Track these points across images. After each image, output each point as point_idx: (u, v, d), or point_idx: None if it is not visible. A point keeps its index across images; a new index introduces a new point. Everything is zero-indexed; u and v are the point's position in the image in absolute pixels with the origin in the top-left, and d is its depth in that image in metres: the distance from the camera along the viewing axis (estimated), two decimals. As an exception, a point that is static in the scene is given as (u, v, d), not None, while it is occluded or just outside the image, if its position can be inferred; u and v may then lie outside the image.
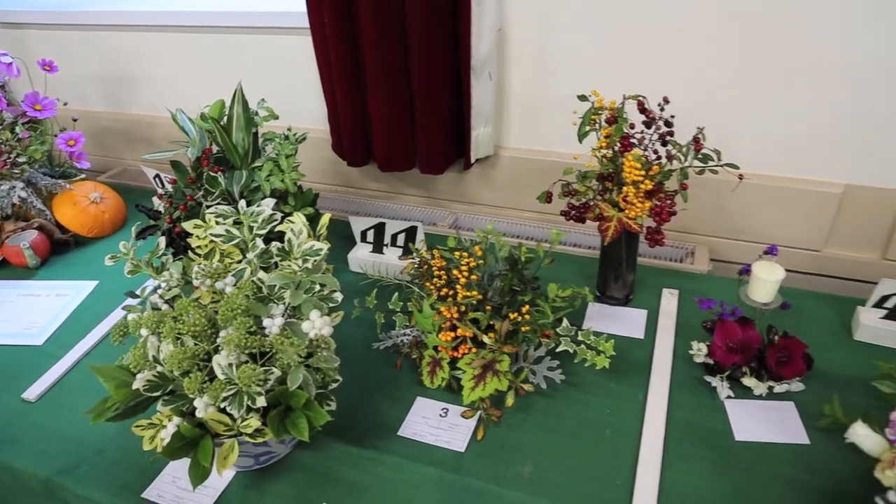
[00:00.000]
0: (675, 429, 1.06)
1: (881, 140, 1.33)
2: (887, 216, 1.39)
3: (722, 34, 1.32)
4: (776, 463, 1.01)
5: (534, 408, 1.11)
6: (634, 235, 1.21)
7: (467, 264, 1.07)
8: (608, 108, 1.15)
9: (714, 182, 1.22)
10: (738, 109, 1.39)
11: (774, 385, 1.10)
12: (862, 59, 1.26)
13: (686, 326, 1.26)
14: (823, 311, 1.32)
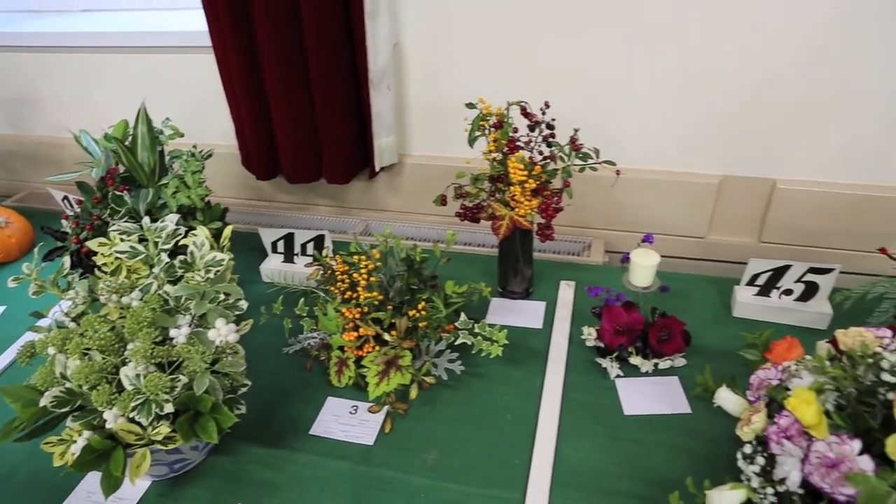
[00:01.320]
0: (570, 409, 1.14)
1: (751, 135, 1.45)
2: (760, 203, 1.52)
3: (608, 42, 1.42)
4: (661, 432, 1.10)
5: (439, 399, 1.17)
6: (527, 232, 1.29)
7: (366, 267, 1.13)
8: (494, 113, 1.23)
9: (606, 179, 1.31)
10: (625, 111, 1.49)
11: (659, 362, 1.20)
12: (731, 65, 1.37)
13: (581, 314, 1.35)
14: (707, 292, 1.43)
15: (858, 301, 1.19)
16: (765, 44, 1.34)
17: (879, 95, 1.34)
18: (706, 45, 1.37)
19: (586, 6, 1.39)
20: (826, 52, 1.32)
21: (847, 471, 0.78)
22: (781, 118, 1.41)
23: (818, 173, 1.45)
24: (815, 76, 1.35)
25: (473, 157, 1.26)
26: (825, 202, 1.46)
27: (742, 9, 1.31)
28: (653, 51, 1.40)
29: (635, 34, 1.40)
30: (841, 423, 0.84)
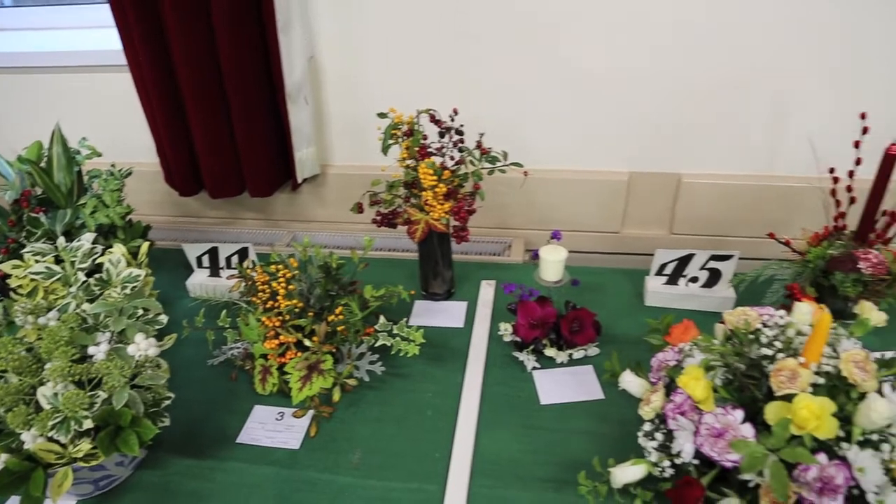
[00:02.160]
0: (489, 402, 1.19)
1: (656, 133, 1.53)
2: (668, 197, 1.60)
3: (516, 48, 1.47)
4: (576, 419, 1.15)
5: (363, 400, 1.20)
6: (444, 235, 1.33)
7: (284, 276, 1.16)
8: (405, 122, 1.27)
9: (525, 182, 1.37)
10: (536, 114, 1.55)
11: (573, 352, 1.25)
12: (634, 68, 1.45)
13: (501, 312, 1.40)
14: (622, 283, 1.50)
15: (756, 284, 1.28)
16: (665, 49, 1.42)
17: (767, 95, 1.43)
18: (610, 49, 1.44)
19: (492, 15, 1.44)
20: (721, 55, 1.41)
21: (731, 439, 0.85)
22: (683, 116, 1.50)
23: (718, 167, 1.54)
24: (712, 78, 1.44)
25: (388, 164, 1.30)
26: (726, 193, 1.54)
27: (642, 14, 1.39)
28: (559, 55, 1.47)
29: (541, 40, 1.46)
30: (727, 396, 0.90)
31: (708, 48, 1.41)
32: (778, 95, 1.44)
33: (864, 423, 0.83)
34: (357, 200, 1.32)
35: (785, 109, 1.45)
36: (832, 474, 0.81)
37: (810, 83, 1.42)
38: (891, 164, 1.09)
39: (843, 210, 1.21)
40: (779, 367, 0.86)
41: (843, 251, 1.17)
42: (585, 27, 1.43)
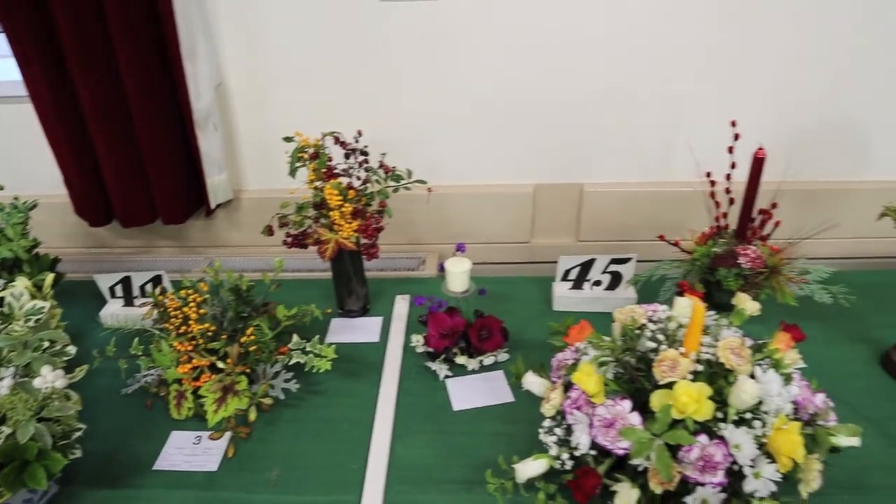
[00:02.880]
0: (404, 412, 1.23)
1: (557, 146, 1.60)
2: (573, 206, 1.68)
3: (420, 70, 1.53)
4: (488, 422, 1.20)
5: (281, 419, 1.22)
6: (355, 253, 1.37)
7: (194, 300, 1.17)
8: (311, 145, 1.30)
9: (434, 197, 1.42)
10: (443, 132, 1.61)
11: (483, 359, 1.30)
12: (535, 86, 1.53)
13: (415, 325, 1.44)
14: (532, 291, 1.56)
15: (653, 283, 1.36)
16: (560, 66, 1.50)
17: (657, 107, 1.53)
18: (507, 67, 1.51)
19: (394, 38, 1.49)
20: (613, 71, 1.50)
21: (621, 428, 0.91)
22: (581, 129, 1.58)
23: (617, 176, 1.63)
24: (605, 93, 1.53)
25: (297, 187, 1.33)
26: (625, 200, 1.63)
27: (536, 33, 1.47)
28: (460, 75, 1.53)
29: (442, 61, 1.52)
30: (618, 389, 0.96)
31: (600, 64, 1.50)
32: (667, 107, 1.54)
33: (736, 403, 0.90)
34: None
35: (673, 120, 1.56)
36: (712, 453, 0.88)
37: (695, 95, 1.52)
38: (760, 166, 1.19)
39: (725, 211, 1.30)
40: (661, 357, 0.93)
41: (725, 249, 1.26)
42: (483, 47, 1.49)
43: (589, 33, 1.47)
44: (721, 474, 0.89)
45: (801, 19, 1.46)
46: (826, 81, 1.54)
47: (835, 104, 1.58)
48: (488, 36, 1.48)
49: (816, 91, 1.55)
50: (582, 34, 1.47)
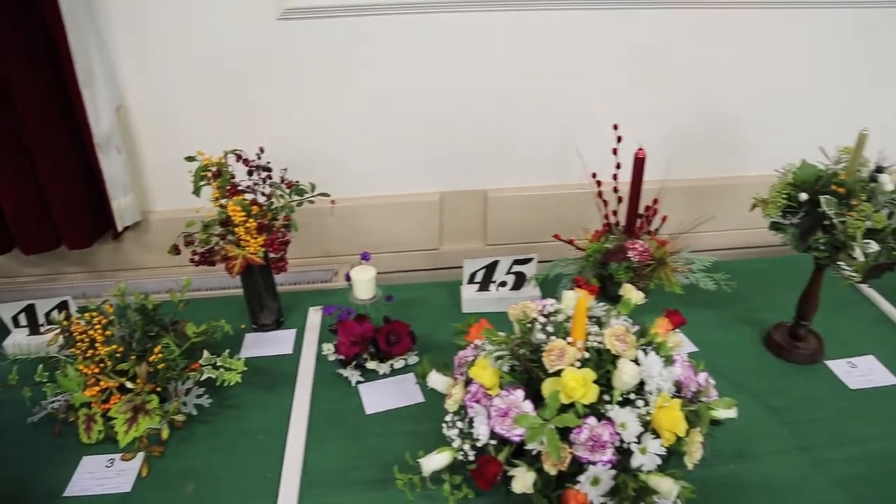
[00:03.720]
0: (317, 419, 1.26)
1: (460, 155, 1.67)
2: (478, 212, 1.74)
3: (322, 84, 1.56)
4: (399, 423, 1.25)
5: (195, 434, 1.23)
6: (264, 268, 1.39)
7: (99, 322, 1.17)
8: (213, 163, 1.32)
9: (346, 210, 1.46)
10: (348, 145, 1.64)
11: (393, 362, 1.35)
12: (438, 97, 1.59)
13: (328, 334, 1.47)
14: (442, 295, 1.62)
15: (554, 281, 1.43)
16: (459, 77, 1.57)
17: (550, 113, 1.61)
18: (411, 81, 1.57)
19: (294, 54, 1.52)
20: (512, 80, 1.58)
21: (515, 416, 0.97)
22: (484, 139, 1.65)
23: (518, 180, 1.71)
24: (505, 101, 1.61)
25: (203, 205, 1.35)
26: (527, 203, 1.71)
27: (436, 46, 1.53)
28: (361, 88, 1.57)
29: (342, 75, 1.56)
30: (512, 380, 1.02)
31: (499, 76, 1.57)
32: (561, 115, 1.63)
33: (620, 385, 0.97)
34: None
35: (567, 127, 1.64)
36: (600, 433, 0.95)
37: (586, 102, 1.62)
38: (641, 166, 1.28)
39: (614, 209, 1.39)
40: (549, 347, 0.99)
41: (615, 244, 1.34)
42: (384, 61, 1.54)
43: (489, 47, 1.54)
44: (610, 452, 0.96)
45: (681, 27, 1.57)
46: (706, 85, 1.66)
47: (715, 106, 1.70)
48: (389, 50, 1.53)
49: (698, 95, 1.67)
50: (482, 48, 1.54)
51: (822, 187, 1.24)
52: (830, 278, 1.29)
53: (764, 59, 1.67)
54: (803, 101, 1.73)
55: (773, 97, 1.72)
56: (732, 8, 1.58)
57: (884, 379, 1.40)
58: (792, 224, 1.26)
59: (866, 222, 1.18)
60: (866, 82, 1.75)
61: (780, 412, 1.30)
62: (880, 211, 1.19)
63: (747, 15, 1.59)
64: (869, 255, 1.20)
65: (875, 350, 1.47)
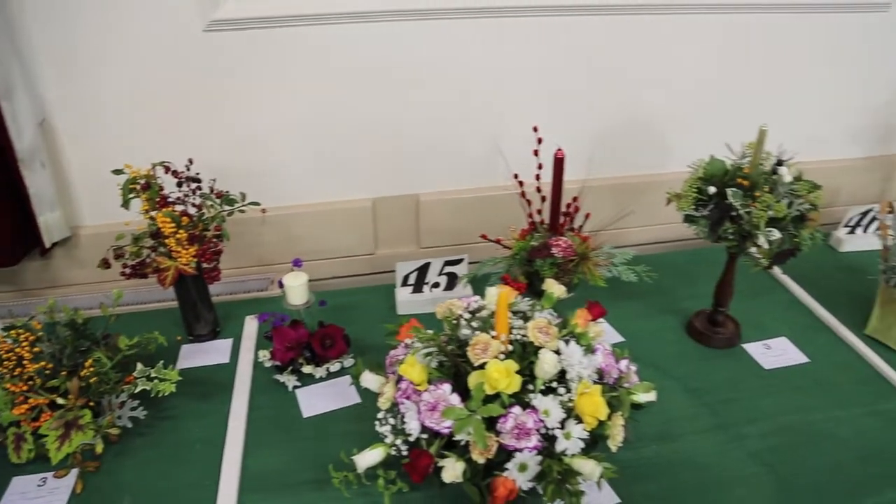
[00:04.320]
0: (255, 425, 1.27)
1: (391, 162, 1.70)
2: (411, 216, 1.78)
3: (254, 95, 1.58)
4: (337, 424, 1.28)
5: (131, 448, 1.23)
6: (197, 278, 1.40)
7: (27, 339, 1.17)
8: (142, 176, 1.33)
9: (281, 218, 1.47)
10: (281, 155, 1.66)
11: (329, 366, 1.37)
12: (367, 106, 1.62)
13: (264, 341, 1.48)
14: (378, 299, 1.65)
15: (484, 280, 1.47)
16: (393, 88, 1.61)
17: (478, 118, 1.66)
18: (340, 90, 1.59)
19: (223, 66, 1.53)
20: (438, 90, 1.63)
21: (443, 408, 1.00)
22: (415, 144, 1.69)
23: (449, 184, 1.75)
24: (432, 110, 1.65)
25: (133, 218, 1.35)
26: (458, 206, 1.76)
27: (369, 58, 1.57)
28: (295, 100, 1.59)
29: (274, 87, 1.58)
30: (440, 375, 1.06)
31: (427, 84, 1.62)
32: (488, 119, 1.68)
33: (541, 374, 1.02)
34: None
35: (493, 130, 1.70)
36: (524, 420, 1.00)
37: (510, 106, 1.67)
38: (560, 165, 1.33)
39: (539, 208, 1.44)
40: (474, 342, 1.03)
41: (540, 242, 1.40)
42: (313, 70, 1.57)
43: (416, 55, 1.58)
44: (535, 439, 1.00)
45: (599, 33, 1.65)
46: (626, 88, 1.74)
47: (635, 108, 1.78)
48: (317, 60, 1.56)
49: (618, 97, 1.75)
50: (410, 56, 1.58)
51: (730, 181, 1.32)
52: (746, 267, 1.37)
53: (677, 62, 1.76)
54: (713, 101, 1.83)
55: (686, 98, 1.81)
56: (646, 14, 1.66)
57: (795, 358, 1.49)
58: (703, 216, 1.33)
59: (769, 212, 1.26)
60: (768, 82, 1.86)
61: (701, 394, 1.38)
62: (781, 201, 1.27)
63: (660, 21, 1.68)
64: (773, 242, 1.28)
65: (787, 332, 1.57)
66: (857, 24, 1.85)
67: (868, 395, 1.39)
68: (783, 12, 1.77)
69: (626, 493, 1.14)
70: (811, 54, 1.87)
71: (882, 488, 1.18)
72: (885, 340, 1.52)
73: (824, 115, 2.01)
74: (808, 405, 1.36)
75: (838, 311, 1.63)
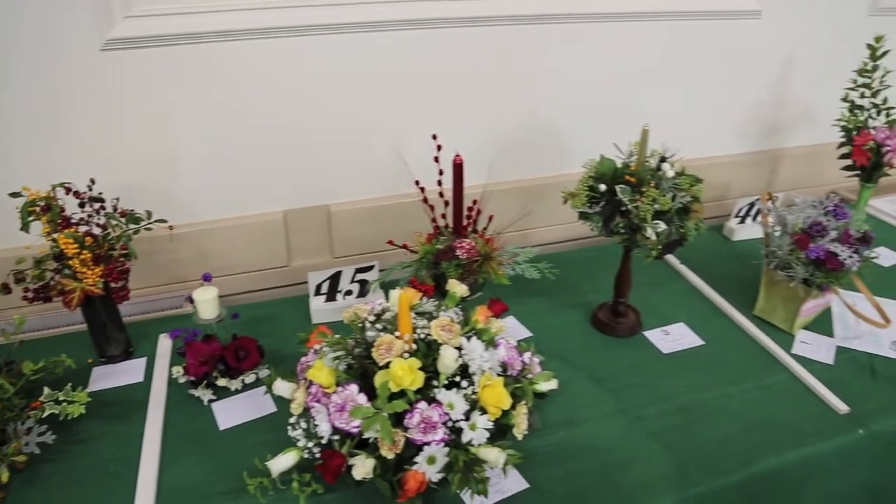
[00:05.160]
0: (171, 441, 1.28)
1: (301, 174, 1.73)
2: (323, 227, 1.81)
3: (153, 113, 1.57)
4: (253, 434, 1.29)
5: (41, 475, 1.21)
6: (105, 298, 1.39)
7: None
8: (42, 197, 1.32)
9: (193, 235, 1.47)
10: (189, 171, 1.65)
11: (244, 378, 1.39)
12: (274, 121, 1.63)
13: (178, 358, 1.48)
14: (293, 309, 1.67)
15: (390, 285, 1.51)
16: (300, 100, 1.64)
17: (382, 128, 1.71)
18: (247, 104, 1.61)
19: (129, 82, 1.52)
20: (342, 103, 1.66)
21: (351, 408, 1.04)
22: (324, 156, 1.72)
23: (359, 193, 1.79)
24: (336, 122, 1.68)
25: (34, 241, 1.33)
26: (368, 214, 1.80)
27: (275, 73, 1.59)
28: (200, 114, 1.59)
29: (177, 101, 1.57)
30: (349, 377, 1.10)
31: (334, 95, 1.65)
32: (391, 129, 1.73)
33: (443, 369, 1.07)
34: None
35: (397, 139, 1.75)
36: (430, 415, 1.04)
37: (412, 115, 1.72)
38: (459, 170, 1.39)
39: (443, 213, 1.50)
40: (378, 343, 1.08)
41: (445, 245, 1.45)
42: (214, 86, 1.57)
43: (318, 68, 1.61)
44: (441, 432, 1.05)
45: (497, 42, 1.72)
46: (525, 94, 1.82)
47: (534, 113, 1.87)
48: (220, 76, 1.56)
49: (517, 103, 1.83)
50: (313, 69, 1.61)
51: (619, 178, 1.40)
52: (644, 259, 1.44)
53: (570, 68, 1.85)
54: (607, 103, 1.93)
55: (581, 102, 1.91)
56: (540, 24, 1.74)
57: (692, 341, 1.59)
58: (596, 213, 1.41)
59: (655, 205, 1.35)
60: (659, 85, 1.98)
61: (604, 381, 1.46)
62: (665, 195, 1.36)
63: (552, 30, 1.76)
64: (661, 233, 1.37)
65: (685, 318, 1.67)
66: (735, 30, 1.99)
67: (756, 370, 1.50)
68: (670, 20, 1.89)
69: (534, 477, 1.20)
70: (697, 59, 2.00)
71: (767, 454, 1.28)
72: (770, 319, 1.65)
73: (713, 115, 2.15)
74: (703, 384, 1.45)
75: (731, 296, 1.75)
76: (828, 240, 1.52)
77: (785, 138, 2.33)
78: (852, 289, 1.57)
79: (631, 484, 1.22)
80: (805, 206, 1.62)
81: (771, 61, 2.13)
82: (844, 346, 1.58)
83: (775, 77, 2.16)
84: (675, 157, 1.42)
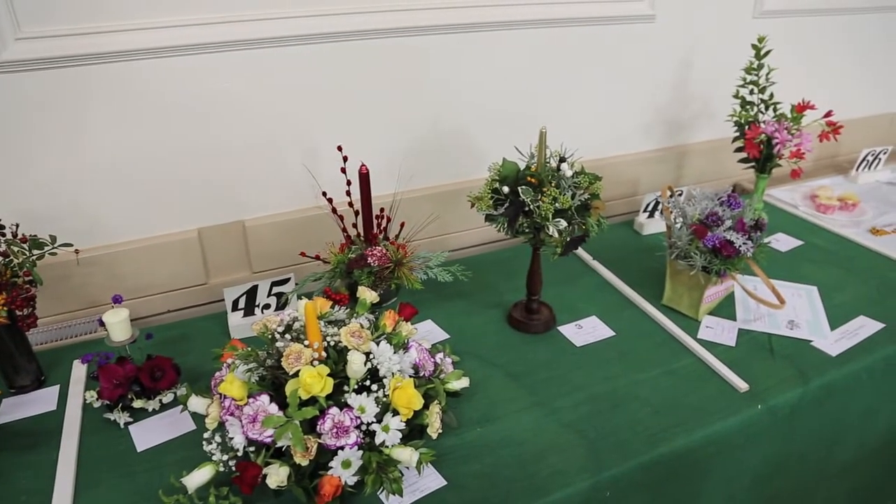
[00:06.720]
0: (86, 467, 1.26)
1: (214, 190, 1.73)
2: (239, 242, 1.81)
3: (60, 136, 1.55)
4: (172, 453, 1.28)
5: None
6: (10, 327, 1.36)
7: None
8: (-62, 228, 1.29)
9: (106, 258, 1.47)
10: (96, 194, 1.63)
11: (162, 397, 1.38)
12: (188, 135, 1.63)
13: (93, 383, 1.46)
14: (212, 327, 1.66)
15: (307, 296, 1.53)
16: (209, 117, 1.64)
17: (294, 143, 1.73)
18: (156, 121, 1.60)
19: (23, 104, 1.49)
20: (254, 118, 1.67)
21: (263, 418, 1.06)
22: (233, 172, 1.72)
23: (272, 207, 1.80)
24: (249, 137, 1.69)
25: (-68, 273, 1.30)
26: (284, 228, 1.81)
27: (185, 92, 1.59)
28: (106, 136, 1.57)
29: (82, 123, 1.55)
30: (259, 388, 1.11)
31: (239, 108, 1.66)
32: (303, 143, 1.74)
33: (352, 374, 1.10)
34: None
35: (308, 153, 1.77)
36: (342, 419, 1.07)
37: (323, 129, 1.75)
38: (366, 180, 1.42)
39: (354, 222, 1.52)
40: (287, 352, 1.10)
41: (357, 253, 1.48)
42: (119, 106, 1.56)
43: (223, 85, 1.61)
44: (354, 435, 1.07)
45: (400, 57, 1.76)
46: (435, 103, 1.87)
47: (444, 121, 1.91)
48: (126, 95, 1.55)
49: (426, 111, 1.87)
50: (217, 85, 1.61)
51: (521, 179, 1.46)
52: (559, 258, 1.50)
53: (478, 76, 1.91)
54: (514, 109, 2.00)
55: (487, 109, 1.97)
56: (442, 34, 1.79)
57: (603, 333, 1.66)
58: (501, 214, 1.46)
59: (555, 204, 1.40)
60: (564, 89, 2.06)
61: (520, 377, 1.50)
62: (565, 194, 1.42)
63: (459, 39, 1.81)
64: (562, 231, 1.43)
65: (597, 311, 1.74)
66: (632, 34, 2.09)
67: (664, 357, 1.57)
68: (569, 26, 1.96)
69: (452, 474, 1.23)
70: (599, 62, 2.08)
71: (675, 436, 1.35)
72: (677, 307, 1.73)
73: (619, 115, 2.24)
74: (614, 373, 1.51)
75: (641, 288, 1.83)
76: (723, 229, 1.61)
77: (689, 135, 2.44)
78: (751, 274, 1.66)
79: (546, 473, 1.26)
80: (702, 199, 1.70)
81: (669, 63, 2.23)
82: (746, 328, 1.67)
83: (674, 77, 2.27)
84: (574, 156, 1.48)
